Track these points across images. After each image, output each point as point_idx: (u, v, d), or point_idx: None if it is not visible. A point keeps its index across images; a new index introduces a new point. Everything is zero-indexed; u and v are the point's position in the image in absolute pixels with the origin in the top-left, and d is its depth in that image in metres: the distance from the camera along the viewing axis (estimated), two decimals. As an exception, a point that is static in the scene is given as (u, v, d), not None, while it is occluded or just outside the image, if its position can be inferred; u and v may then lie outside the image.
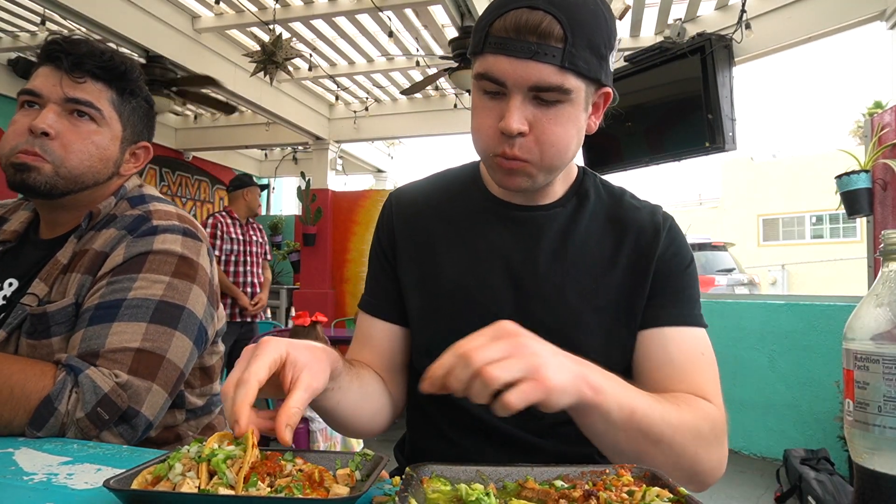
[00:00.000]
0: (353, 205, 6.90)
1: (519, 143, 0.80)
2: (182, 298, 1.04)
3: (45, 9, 3.93)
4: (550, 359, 0.61)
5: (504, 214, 0.93)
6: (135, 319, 0.97)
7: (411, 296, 0.95)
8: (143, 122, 1.18)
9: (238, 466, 0.56)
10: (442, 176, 1.04)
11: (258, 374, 0.60)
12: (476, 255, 0.92)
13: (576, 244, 0.90)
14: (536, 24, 0.74)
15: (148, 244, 1.04)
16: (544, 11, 0.74)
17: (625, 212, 0.93)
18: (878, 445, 0.52)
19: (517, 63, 0.76)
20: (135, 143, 1.17)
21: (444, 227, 0.96)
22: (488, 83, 0.79)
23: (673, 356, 0.85)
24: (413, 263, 0.96)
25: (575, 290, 0.88)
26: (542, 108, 0.79)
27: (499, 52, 0.76)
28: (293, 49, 4.08)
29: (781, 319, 3.89)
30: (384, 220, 1.02)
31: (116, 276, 1.00)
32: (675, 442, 0.72)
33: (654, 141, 4.28)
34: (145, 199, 1.15)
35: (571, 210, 0.93)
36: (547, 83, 0.76)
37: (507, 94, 0.79)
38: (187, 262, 1.07)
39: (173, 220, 1.10)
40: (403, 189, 1.04)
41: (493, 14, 0.78)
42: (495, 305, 0.89)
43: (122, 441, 0.94)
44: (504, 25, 0.76)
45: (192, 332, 1.05)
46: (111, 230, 1.06)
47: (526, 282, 0.89)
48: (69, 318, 1.00)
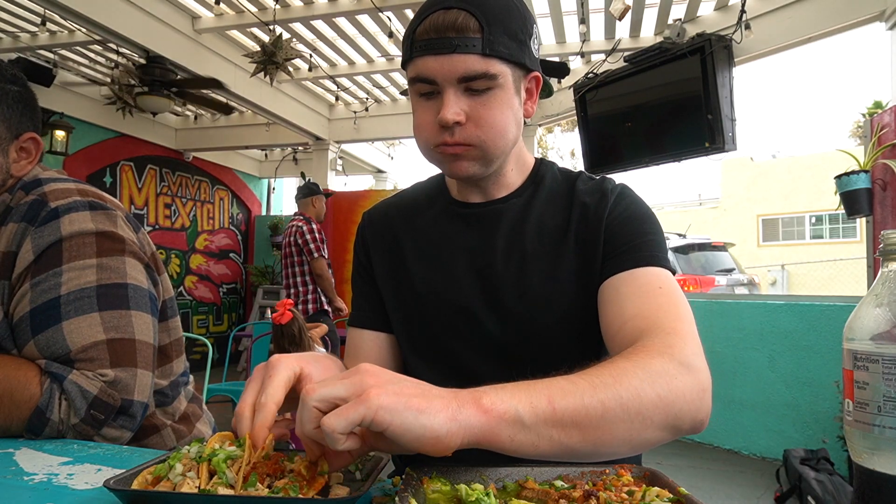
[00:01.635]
0: (353, 205, 6.90)
1: (458, 131, 0.83)
2: (120, 276, 0.98)
3: (45, 9, 3.93)
4: (388, 383, 0.53)
5: (464, 213, 0.97)
6: (83, 312, 0.93)
7: (389, 304, 1.00)
8: (19, 110, 1.02)
9: (238, 466, 0.57)
10: (411, 189, 1.09)
11: (275, 396, 0.61)
12: (442, 257, 0.96)
13: (532, 226, 0.93)
14: (453, 21, 0.80)
15: (55, 231, 0.95)
16: (458, 9, 0.80)
17: (576, 187, 0.95)
18: (877, 445, 0.52)
19: (442, 59, 0.80)
20: (17, 137, 1.03)
21: (413, 236, 1.00)
22: (422, 85, 0.84)
23: (623, 294, 0.80)
24: (388, 275, 1.01)
25: (536, 271, 0.90)
26: (474, 97, 0.83)
27: (425, 53, 0.81)
28: (293, 49, 4.08)
29: (781, 319, 3.89)
30: (359, 239, 1.07)
31: (38, 276, 0.93)
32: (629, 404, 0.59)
33: (654, 141, 4.28)
34: (41, 181, 1.02)
35: (527, 198, 0.96)
36: (473, 71, 0.80)
37: (440, 90, 0.83)
38: (107, 237, 0.99)
39: (73, 196, 0.99)
40: (375, 206, 1.09)
41: (415, 23, 0.83)
42: (465, 299, 0.93)
43: (125, 431, 0.94)
44: (425, 28, 0.81)
45: (146, 305, 1.02)
46: (10, 225, 0.97)
47: (490, 271, 0.92)
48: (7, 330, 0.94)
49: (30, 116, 1.06)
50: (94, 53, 5.27)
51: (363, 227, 1.08)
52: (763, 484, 3.41)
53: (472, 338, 0.93)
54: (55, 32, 4.75)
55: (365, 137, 6.75)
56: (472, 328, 0.92)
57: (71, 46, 4.98)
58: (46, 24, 4.50)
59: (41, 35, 4.78)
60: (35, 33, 4.79)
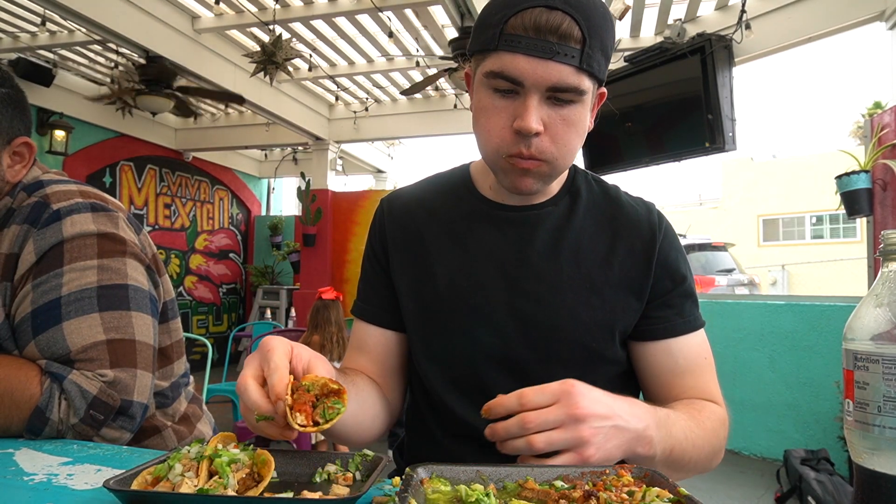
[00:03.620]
0: (352, 205, 6.90)
1: (535, 143, 0.78)
2: (120, 277, 0.98)
3: (45, 9, 3.93)
4: (600, 432, 0.64)
5: (496, 216, 0.93)
6: (83, 313, 0.93)
7: (406, 300, 0.95)
8: (9, 114, 1.00)
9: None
10: (433, 180, 1.03)
11: (283, 362, 0.64)
12: (469, 258, 0.91)
13: (569, 242, 0.90)
14: (557, 25, 0.73)
15: (57, 233, 0.95)
16: (563, 12, 0.73)
17: (619, 209, 0.93)
18: (878, 445, 0.52)
19: (536, 62, 0.74)
20: (9, 143, 1.01)
21: (437, 230, 0.95)
22: (502, 82, 0.77)
23: (681, 365, 0.89)
24: (406, 268, 0.95)
25: (570, 288, 0.88)
26: (555, 109, 0.78)
27: (516, 51, 0.75)
28: (293, 49, 4.08)
29: (781, 320, 3.89)
30: (377, 225, 1.01)
31: (39, 277, 0.94)
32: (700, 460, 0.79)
33: (654, 141, 4.28)
34: (43, 183, 1.02)
35: (564, 208, 0.93)
36: (566, 84, 0.75)
37: (522, 93, 0.77)
38: (109, 238, 0.99)
39: (75, 198, 0.99)
40: (395, 194, 1.03)
41: (507, 11, 0.75)
42: (489, 306, 0.88)
43: (124, 432, 0.94)
44: (522, 24, 0.74)
45: (146, 306, 1.02)
46: (13, 227, 0.97)
47: (520, 282, 0.88)
48: (9, 331, 0.95)
49: (21, 119, 1.03)
50: (94, 53, 5.27)
51: (381, 215, 1.01)
52: (763, 484, 3.41)
53: (490, 349, 0.89)
54: (55, 32, 4.75)
55: (365, 137, 6.75)
56: (494, 339, 0.88)
57: (71, 46, 4.99)
58: (46, 24, 4.50)
59: (41, 35, 4.78)
60: (35, 33, 4.79)
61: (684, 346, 0.90)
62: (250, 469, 0.58)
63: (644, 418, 0.68)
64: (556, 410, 0.63)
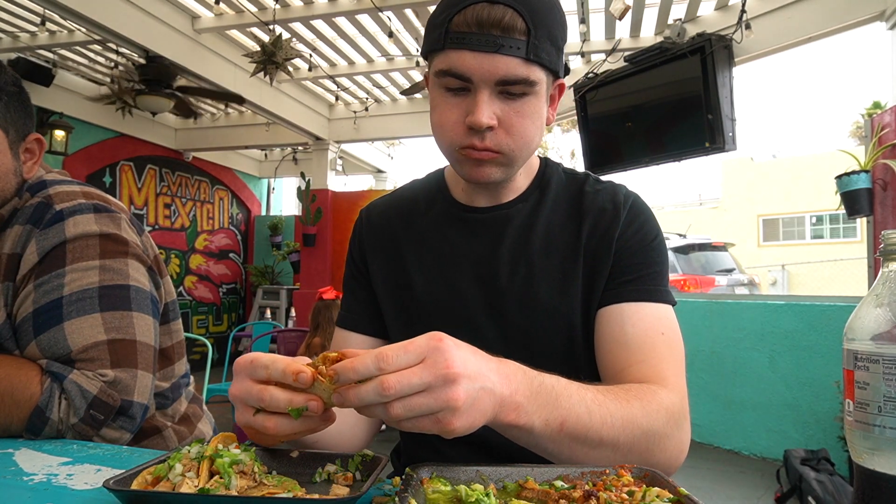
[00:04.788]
0: (352, 205, 6.90)
1: (489, 136, 0.79)
2: (122, 277, 0.99)
3: (45, 9, 3.93)
4: (466, 396, 0.54)
5: (468, 218, 0.93)
6: (84, 313, 0.93)
7: (386, 309, 0.96)
8: (22, 112, 1.03)
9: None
10: (409, 187, 1.04)
11: (273, 356, 0.58)
12: (444, 262, 0.92)
13: (539, 236, 0.89)
14: (500, 18, 0.74)
15: (60, 233, 0.96)
16: (504, 5, 0.74)
17: (585, 196, 0.91)
18: (878, 445, 0.52)
19: (482, 57, 0.75)
20: (24, 139, 1.04)
21: (412, 237, 0.96)
22: (451, 79, 0.78)
23: (629, 335, 0.81)
24: (385, 277, 0.96)
25: (543, 281, 0.87)
26: (508, 102, 0.78)
27: (462, 48, 0.75)
28: (293, 49, 4.08)
29: (782, 320, 3.89)
30: (356, 237, 1.02)
31: (42, 277, 0.94)
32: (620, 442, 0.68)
33: (654, 141, 4.28)
34: (46, 184, 1.04)
35: (534, 203, 0.92)
36: (514, 76, 0.75)
37: (472, 89, 0.77)
38: (111, 239, 1.00)
39: (78, 199, 1.00)
40: (373, 203, 1.04)
41: (451, 10, 0.76)
42: (467, 310, 0.89)
43: (124, 432, 0.94)
44: (465, 20, 0.75)
45: (147, 307, 1.02)
46: (16, 227, 0.98)
47: (494, 281, 0.89)
48: (10, 331, 0.95)
49: (29, 115, 1.06)
50: (93, 53, 5.27)
51: (360, 226, 1.02)
52: (763, 484, 3.41)
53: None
54: (55, 32, 4.75)
55: (365, 137, 6.75)
56: (475, 340, 0.88)
57: (71, 46, 4.99)
58: (46, 24, 4.50)
59: (41, 35, 4.78)
60: (35, 33, 4.79)
61: (634, 315, 0.82)
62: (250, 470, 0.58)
63: (513, 382, 0.60)
64: (422, 371, 0.53)
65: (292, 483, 0.60)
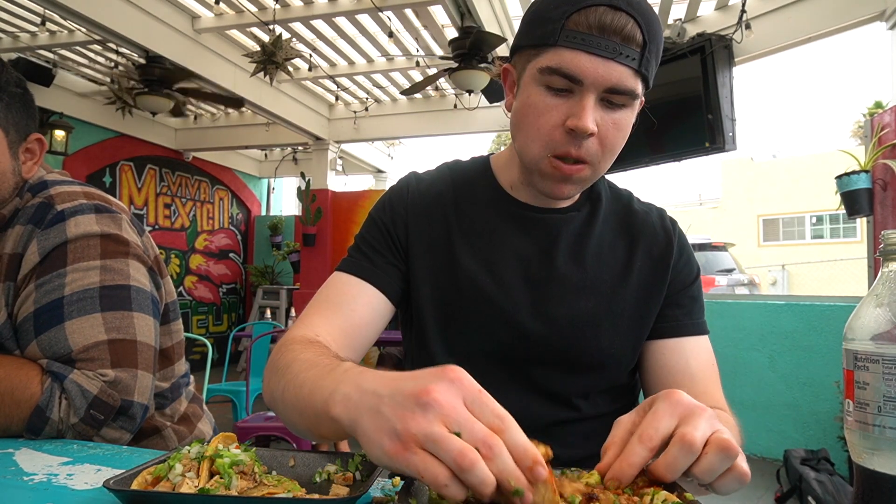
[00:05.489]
0: (352, 205, 6.90)
1: (585, 144, 0.77)
2: (123, 278, 0.99)
3: (45, 9, 3.93)
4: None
5: (520, 214, 0.91)
6: (85, 313, 0.93)
7: (422, 285, 0.90)
8: (23, 113, 1.03)
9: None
10: (454, 168, 0.99)
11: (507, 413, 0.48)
12: (492, 253, 0.89)
13: (592, 249, 0.90)
14: (622, 26, 0.72)
15: (61, 234, 0.96)
16: (627, 14, 0.72)
17: (635, 215, 0.94)
18: (878, 445, 0.52)
19: (598, 62, 0.73)
20: (24, 139, 1.03)
21: (459, 219, 0.92)
22: (559, 79, 0.74)
23: (692, 367, 0.87)
24: (427, 253, 0.91)
25: (592, 295, 0.88)
26: (608, 112, 0.77)
27: (578, 48, 0.72)
28: (293, 49, 4.08)
29: (782, 320, 3.89)
30: (398, 203, 0.94)
31: (42, 277, 0.94)
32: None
33: (654, 141, 4.28)
34: (47, 184, 1.04)
35: (586, 214, 0.93)
36: (623, 86, 0.74)
37: (578, 92, 0.75)
38: (112, 239, 1.00)
39: (79, 199, 1.01)
40: (420, 177, 0.98)
41: (568, 7, 0.73)
42: (511, 305, 0.87)
43: (124, 432, 0.94)
44: (586, 21, 0.72)
45: (148, 307, 1.02)
46: (17, 227, 0.98)
47: (544, 284, 0.88)
48: (11, 331, 0.95)
49: (31, 116, 1.06)
50: (93, 53, 5.27)
51: (407, 189, 0.95)
52: (763, 484, 3.41)
53: (511, 350, 0.87)
54: (55, 32, 4.75)
55: (365, 137, 6.75)
56: (515, 340, 0.87)
57: (71, 46, 4.98)
58: (46, 24, 4.50)
59: (41, 35, 4.78)
60: (35, 33, 4.79)
61: (695, 348, 0.89)
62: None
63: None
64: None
65: (292, 483, 0.60)
